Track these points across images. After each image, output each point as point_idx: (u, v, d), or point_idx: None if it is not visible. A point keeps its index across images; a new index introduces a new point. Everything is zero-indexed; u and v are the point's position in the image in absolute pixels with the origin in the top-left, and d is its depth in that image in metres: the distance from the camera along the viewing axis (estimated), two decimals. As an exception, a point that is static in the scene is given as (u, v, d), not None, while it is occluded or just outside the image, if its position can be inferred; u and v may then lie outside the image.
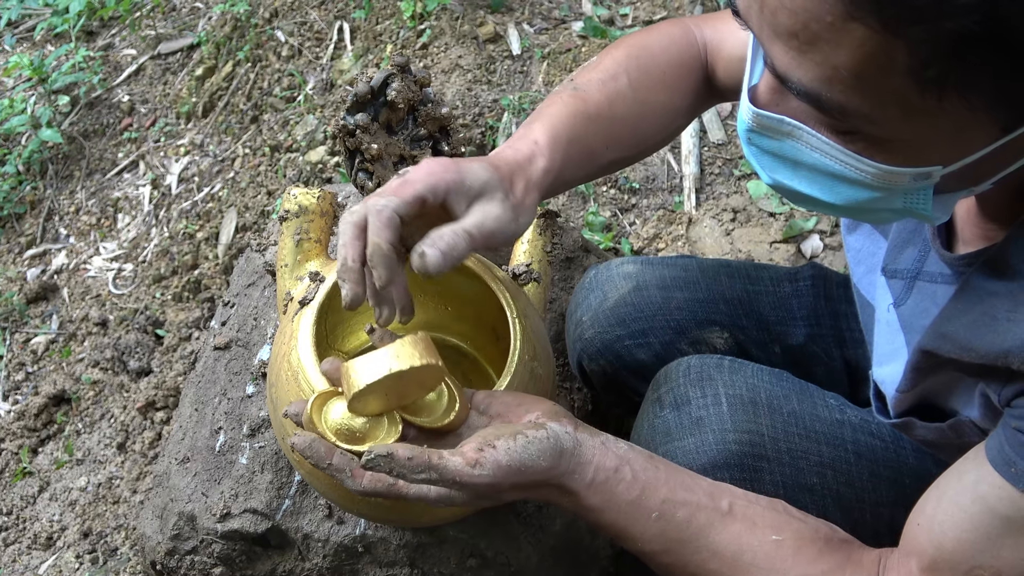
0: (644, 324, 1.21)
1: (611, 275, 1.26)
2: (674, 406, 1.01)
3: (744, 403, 0.99)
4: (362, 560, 1.13)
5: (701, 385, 1.01)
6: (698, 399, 1.00)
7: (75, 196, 2.73)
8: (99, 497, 1.97)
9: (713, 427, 0.97)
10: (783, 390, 1.02)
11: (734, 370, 1.03)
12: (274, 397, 1.02)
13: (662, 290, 1.22)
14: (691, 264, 1.26)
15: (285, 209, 1.11)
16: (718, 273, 1.25)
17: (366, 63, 2.57)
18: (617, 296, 1.23)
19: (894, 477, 0.99)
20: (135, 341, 2.24)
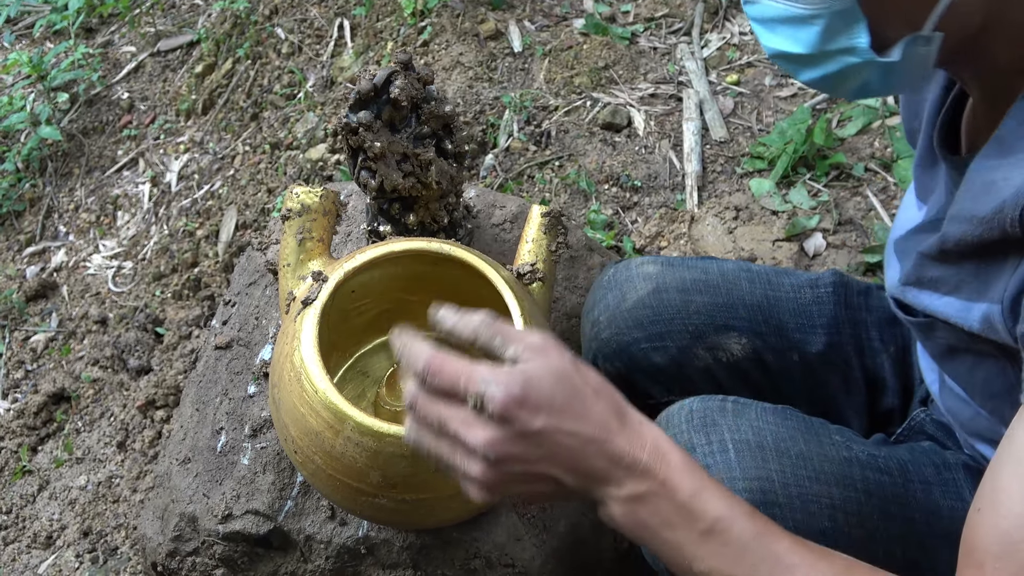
0: (662, 327, 1.20)
1: (631, 275, 1.25)
2: None
3: (751, 448, 0.97)
4: (365, 562, 1.12)
5: (706, 431, 0.99)
6: (703, 446, 0.98)
7: (74, 194, 2.73)
8: (99, 496, 1.96)
9: (721, 475, 0.95)
10: (789, 431, 1.00)
11: (738, 413, 1.01)
12: (276, 397, 1.01)
13: (681, 293, 1.21)
14: (711, 267, 1.25)
15: (287, 208, 1.10)
16: (738, 278, 1.24)
17: (367, 60, 2.56)
18: (636, 297, 1.22)
19: (904, 514, 0.98)
20: (135, 339, 2.23)
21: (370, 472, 0.94)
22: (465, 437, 0.74)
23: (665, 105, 2.36)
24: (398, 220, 1.22)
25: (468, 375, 0.74)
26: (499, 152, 2.29)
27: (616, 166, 2.24)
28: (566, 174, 2.23)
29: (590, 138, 2.31)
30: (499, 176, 2.25)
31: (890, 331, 1.23)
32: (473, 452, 0.74)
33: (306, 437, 0.97)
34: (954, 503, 1.00)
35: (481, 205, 1.41)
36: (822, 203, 2.07)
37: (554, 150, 2.30)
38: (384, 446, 0.93)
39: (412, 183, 1.17)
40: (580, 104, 2.38)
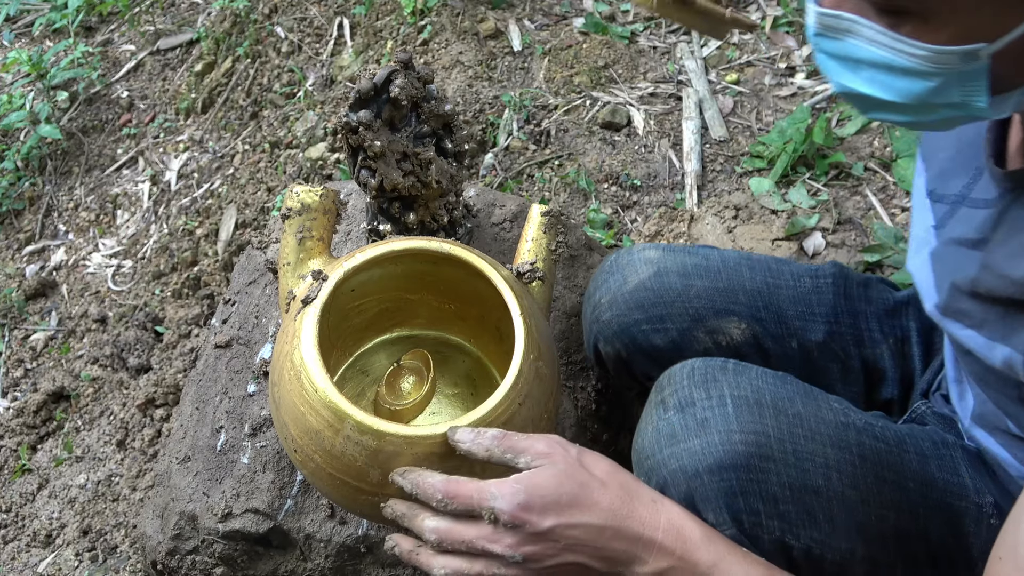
0: (662, 310, 1.21)
1: (632, 259, 1.26)
2: (679, 408, 1.01)
3: (749, 404, 0.99)
4: (364, 560, 1.12)
5: (706, 387, 1.01)
6: (703, 400, 1.00)
7: (74, 192, 2.72)
8: (99, 495, 1.96)
9: (719, 428, 0.97)
10: (787, 392, 1.02)
11: (739, 372, 1.03)
12: (276, 396, 1.01)
13: (682, 277, 1.22)
14: (712, 254, 1.26)
15: (287, 207, 1.10)
16: (739, 265, 1.25)
17: (366, 59, 2.56)
18: (637, 280, 1.23)
19: (898, 481, 0.99)
20: (134, 338, 2.23)
21: (370, 471, 0.94)
22: (492, 549, 0.85)
23: (665, 104, 2.36)
24: (398, 219, 1.22)
25: (479, 494, 0.85)
26: (499, 151, 2.29)
27: (616, 165, 2.25)
28: (566, 173, 2.23)
29: (590, 137, 2.31)
30: (499, 175, 2.25)
31: (889, 323, 1.24)
32: (502, 558, 0.85)
33: (306, 436, 0.97)
34: (949, 477, 1.02)
35: (481, 204, 1.41)
36: (821, 202, 2.07)
37: (554, 149, 2.30)
38: (384, 445, 0.93)
39: (412, 182, 1.17)
40: (580, 103, 2.38)
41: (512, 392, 0.96)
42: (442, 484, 0.87)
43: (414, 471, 0.90)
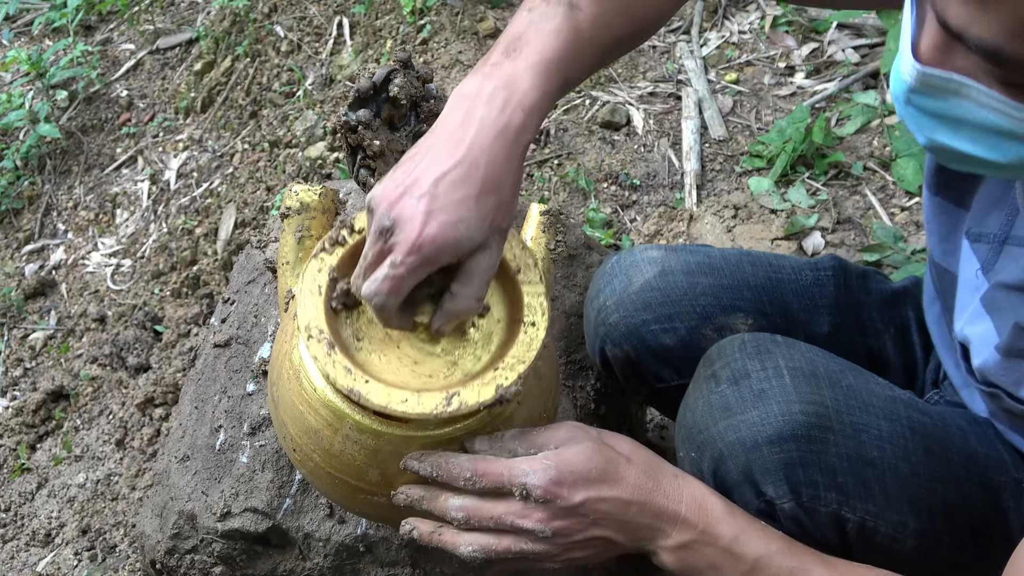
0: (670, 308, 1.20)
1: (635, 260, 1.25)
2: (732, 381, 0.99)
3: (805, 375, 0.98)
4: (363, 560, 1.12)
5: (760, 358, 1.00)
6: (758, 372, 0.99)
7: (73, 191, 2.72)
8: (98, 494, 1.96)
9: (778, 398, 0.96)
10: (838, 365, 1.02)
11: (790, 345, 1.02)
12: (275, 395, 1.01)
13: (687, 275, 1.22)
14: (714, 252, 1.26)
15: (287, 206, 1.10)
16: (740, 261, 1.25)
17: (366, 58, 2.56)
18: (643, 280, 1.23)
19: (944, 453, 0.99)
20: (134, 337, 2.23)
21: (369, 470, 0.94)
22: (522, 524, 0.86)
23: (664, 103, 2.36)
24: (397, 218, 1.22)
25: (509, 471, 0.86)
26: (498, 150, 2.29)
27: (615, 164, 2.25)
28: (565, 172, 2.23)
29: (589, 136, 2.31)
30: (498, 174, 2.25)
31: (889, 312, 1.24)
32: (532, 533, 0.86)
33: (305, 435, 0.96)
34: (988, 451, 1.01)
35: (480, 203, 1.40)
36: (821, 202, 2.07)
37: (553, 148, 2.30)
38: (383, 444, 0.92)
39: (411, 181, 1.17)
40: (579, 102, 2.38)
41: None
42: (469, 463, 0.87)
43: (432, 454, 0.89)
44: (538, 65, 0.87)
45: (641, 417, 1.48)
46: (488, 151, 0.83)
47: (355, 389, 0.87)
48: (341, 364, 0.88)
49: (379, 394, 0.87)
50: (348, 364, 0.88)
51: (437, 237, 0.80)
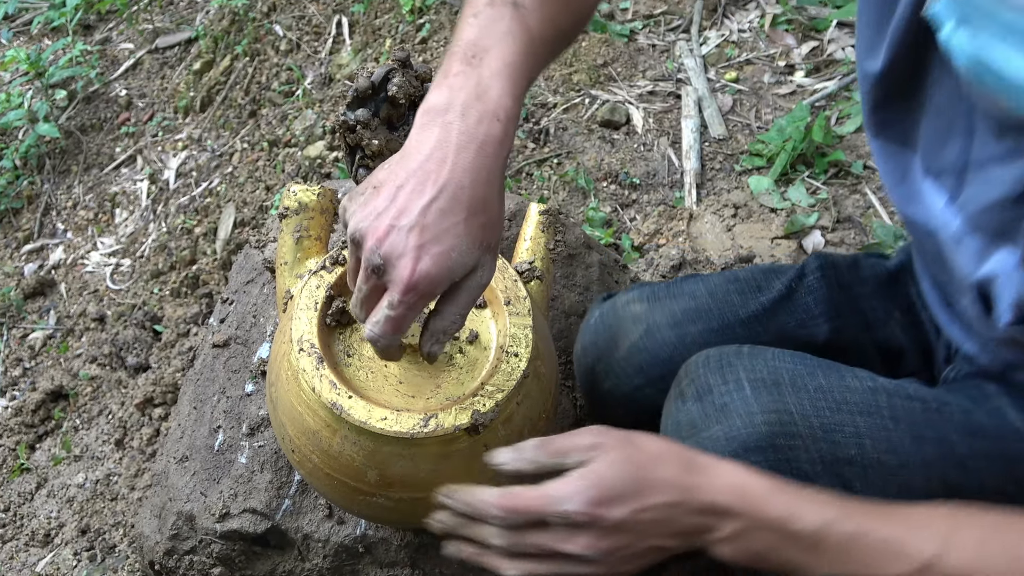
0: (662, 369, 1.17)
1: (618, 318, 1.22)
2: (696, 397, 0.99)
3: (767, 384, 0.97)
4: (363, 560, 1.12)
5: (722, 372, 1.00)
6: (719, 386, 0.99)
7: (72, 191, 2.72)
8: (97, 494, 1.96)
9: (739, 411, 0.96)
10: (807, 368, 1.01)
11: (754, 355, 1.02)
12: (274, 396, 1.01)
13: (674, 328, 1.19)
14: (698, 290, 1.22)
15: (285, 206, 1.10)
16: (727, 292, 1.22)
17: (365, 58, 2.56)
18: (629, 343, 1.20)
19: (939, 437, 0.97)
20: (133, 337, 2.23)
21: (367, 471, 0.94)
22: (568, 549, 0.82)
23: (664, 102, 2.36)
24: (396, 218, 1.22)
25: (544, 501, 0.82)
26: (498, 149, 2.29)
27: (615, 164, 2.24)
28: (565, 172, 2.23)
29: (589, 135, 2.30)
30: (498, 174, 2.25)
31: (890, 294, 1.21)
32: (580, 558, 0.82)
33: (303, 436, 0.96)
34: (998, 422, 0.99)
35: (479, 203, 1.40)
36: (821, 200, 2.07)
37: (552, 147, 2.29)
38: (381, 445, 0.92)
39: (410, 181, 1.17)
40: (579, 101, 2.37)
41: (511, 391, 0.95)
42: (498, 500, 0.83)
43: (461, 490, 0.86)
44: (503, 70, 0.86)
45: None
46: (471, 170, 0.81)
47: (338, 403, 0.92)
48: (328, 378, 0.93)
49: (360, 410, 0.92)
50: (334, 379, 0.93)
51: (431, 271, 0.79)
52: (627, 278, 1.46)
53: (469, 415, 0.92)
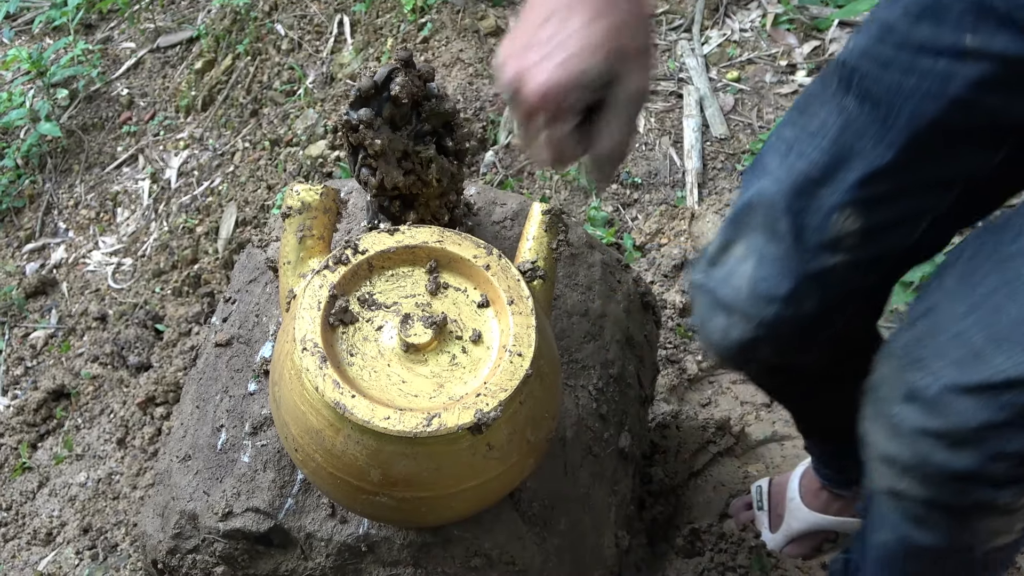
0: (787, 342, 1.05)
1: (704, 317, 1.11)
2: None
3: None
4: (365, 560, 1.12)
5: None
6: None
7: (74, 190, 2.72)
8: (99, 493, 1.96)
9: None
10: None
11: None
12: (277, 395, 1.01)
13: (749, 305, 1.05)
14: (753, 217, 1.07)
15: (288, 206, 1.10)
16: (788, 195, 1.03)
17: (367, 57, 2.56)
18: (735, 339, 1.07)
19: None
20: (135, 336, 2.23)
21: (371, 470, 0.94)
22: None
23: (665, 102, 2.36)
24: (398, 217, 1.22)
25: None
26: (499, 149, 2.29)
27: (616, 163, 2.24)
28: (566, 171, 2.23)
29: (590, 135, 2.31)
30: (499, 173, 2.25)
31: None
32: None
33: (306, 435, 0.97)
34: None
35: (481, 202, 1.40)
36: (823, 200, 2.07)
37: (554, 147, 2.29)
38: (384, 444, 0.92)
39: (412, 180, 1.17)
40: (580, 101, 2.37)
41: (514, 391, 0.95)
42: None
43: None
44: None
45: (643, 417, 1.48)
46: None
47: (341, 402, 0.92)
48: (331, 377, 0.93)
49: (363, 409, 0.92)
50: (337, 378, 0.93)
51: (554, 81, 0.77)
52: (629, 278, 1.46)
53: (472, 414, 0.92)
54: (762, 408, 1.82)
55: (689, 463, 1.72)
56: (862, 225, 0.97)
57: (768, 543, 1.57)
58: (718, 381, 1.88)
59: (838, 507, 1.55)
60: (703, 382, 1.88)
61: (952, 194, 0.98)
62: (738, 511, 1.66)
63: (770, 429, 1.79)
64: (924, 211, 0.99)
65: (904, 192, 0.97)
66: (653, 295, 1.51)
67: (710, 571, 1.48)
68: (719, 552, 1.52)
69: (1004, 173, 0.97)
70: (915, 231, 1.00)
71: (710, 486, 1.72)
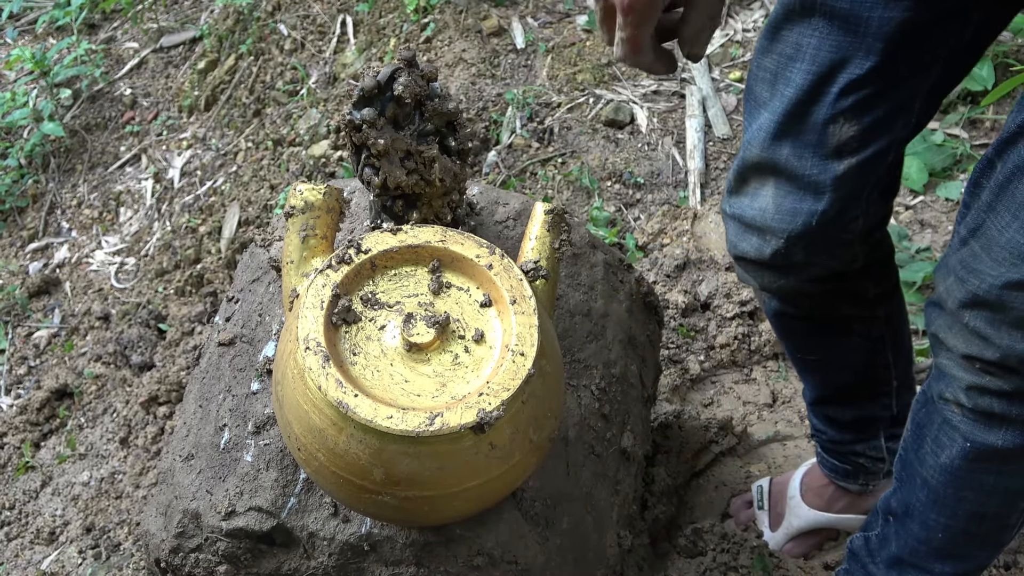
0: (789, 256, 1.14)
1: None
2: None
3: None
4: (368, 559, 1.12)
5: None
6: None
7: (77, 190, 2.73)
8: (102, 492, 1.96)
9: None
10: None
11: None
12: (280, 395, 1.01)
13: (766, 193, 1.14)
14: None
15: (291, 205, 1.10)
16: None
17: (369, 57, 2.56)
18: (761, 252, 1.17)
19: None
20: (137, 335, 2.23)
21: (373, 469, 0.94)
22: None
23: (668, 102, 2.36)
24: (401, 217, 1.22)
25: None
26: (502, 149, 2.29)
27: (619, 163, 2.24)
28: (569, 171, 2.23)
29: (593, 135, 2.31)
30: (501, 173, 2.25)
31: None
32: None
33: (309, 434, 0.97)
34: None
35: (484, 202, 1.40)
36: (825, 200, 2.07)
37: (557, 147, 2.30)
38: (387, 443, 0.93)
39: (415, 180, 1.17)
40: (583, 101, 2.37)
41: (517, 391, 0.96)
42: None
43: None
44: None
45: (646, 416, 1.48)
46: None
47: (344, 401, 0.92)
48: (334, 377, 0.93)
49: (366, 408, 0.92)
50: (340, 377, 0.93)
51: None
52: (632, 278, 1.46)
53: (475, 414, 0.92)
54: (764, 408, 1.83)
55: (691, 463, 1.72)
56: (858, 129, 1.04)
57: (768, 542, 1.57)
58: (720, 381, 1.88)
59: (843, 504, 1.55)
60: (705, 382, 1.88)
61: (935, 71, 1.05)
62: (738, 510, 1.66)
63: (772, 429, 1.79)
64: (912, 96, 1.05)
65: (889, 88, 1.03)
66: (655, 295, 1.51)
67: (712, 571, 1.48)
68: (721, 552, 1.52)
69: (978, 36, 1.04)
70: (909, 116, 1.07)
71: (712, 486, 1.72)
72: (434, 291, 1.03)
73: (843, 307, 1.30)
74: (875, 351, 1.36)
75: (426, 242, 1.04)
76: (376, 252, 1.03)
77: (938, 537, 1.16)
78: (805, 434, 1.78)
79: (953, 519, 1.14)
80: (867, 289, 1.28)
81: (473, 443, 0.94)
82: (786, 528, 1.59)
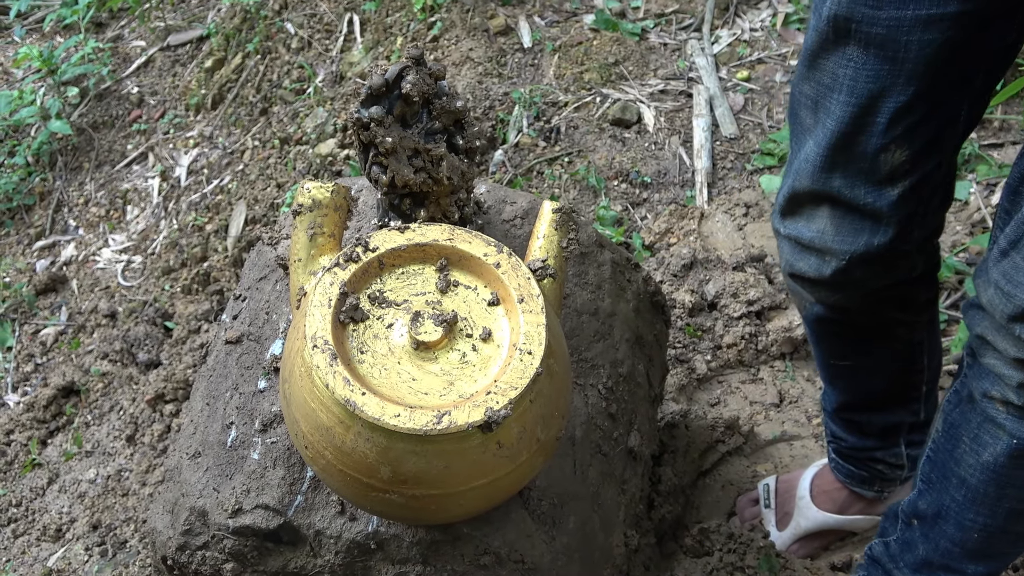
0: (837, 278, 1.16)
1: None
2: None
3: None
4: (374, 557, 1.12)
5: None
6: None
7: (84, 188, 2.73)
8: (108, 489, 1.97)
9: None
10: None
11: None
12: (287, 392, 1.01)
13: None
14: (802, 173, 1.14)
15: (299, 203, 1.10)
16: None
17: (376, 56, 2.56)
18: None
19: None
20: (144, 333, 2.24)
21: (380, 468, 0.94)
22: None
23: (675, 101, 2.36)
24: (409, 215, 1.22)
25: None
26: (508, 148, 2.29)
27: (626, 162, 2.24)
28: (575, 170, 2.23)
29: (600, 134, 2.30)
30: (508, 172, 2.25)
31: None
32: None
33: (316, 432, 0.97)
34: None
35: (491, 201, 1.40)
36: (832, 200, 2.07)
37: (563, 146, 2.29)
38: (394, 442, 0.92)
39: (423, 178, 1.17)
40: (590, 100, 2.37)
41: (524, 389, 0.95)
42: None
43: None
44: None
45: (653, 416, 1.48)
46: None
47: (351, 400, 0.92)
48: (341, 375, 0.93)
49: (373, 407, 0.92)
50: (347, 375, 0.93)
51: None
52: (639, 277, 1.46)
53: (482, 412, 0.92)
54: (771, 408, 1.82)
55: (698, 462, 1.72)
56: (909, 154, 1.03)
57: (774, 541, 1.57)
58: (727, 381, 1.88)
59: (856, 509, 1.54)
60: (712, 382, 1.88)
61: (979, 80, 1.03)
62: (744, 508, 1.66)
63: (779, 429, 1.79)
64: (958, 108, 1.04)
65: (936, 109, 1.02)
66: (662, 294, 1.51)
67: (719, 571, 1.48)
68: (728, 552, 1.51)
69: (1022, 32, 1.01)
70: (957, 127, 1.06)
71: (719, 485, 1.72)
72: (442, 289, 1.03)
73: (892, 313, 1.30)
74: (912, 356, 1.37)
75: (434, 240, 1.04)
76: (384, 250, 1.03)
77: (974, 537, 1.16)
78: (812, 434, 1.77)
79: (992, 517, 1.13)
80: (918, 295, 1.28)
81: (480, 442, 0.94)
82: (793, 528, 1.58)
